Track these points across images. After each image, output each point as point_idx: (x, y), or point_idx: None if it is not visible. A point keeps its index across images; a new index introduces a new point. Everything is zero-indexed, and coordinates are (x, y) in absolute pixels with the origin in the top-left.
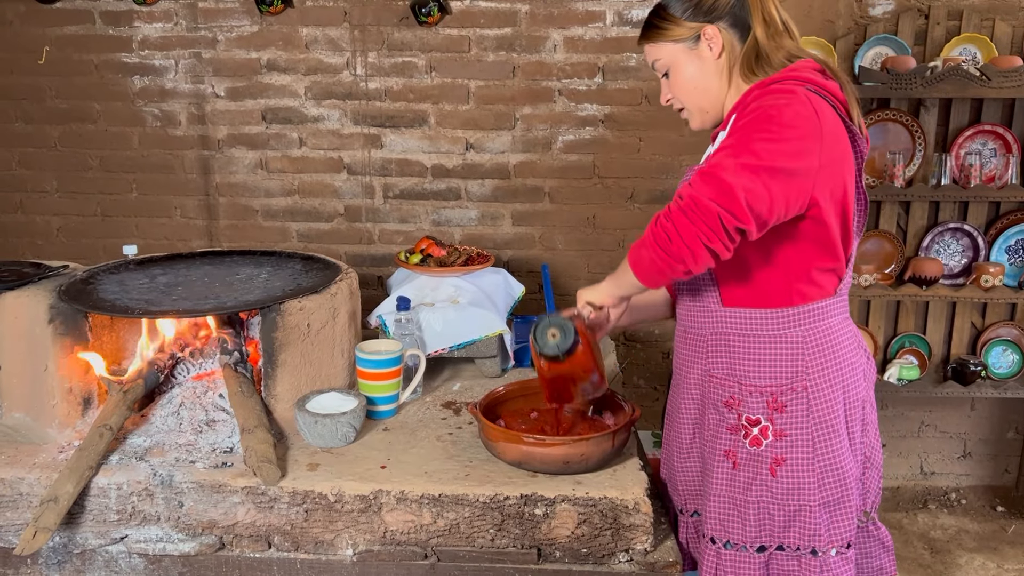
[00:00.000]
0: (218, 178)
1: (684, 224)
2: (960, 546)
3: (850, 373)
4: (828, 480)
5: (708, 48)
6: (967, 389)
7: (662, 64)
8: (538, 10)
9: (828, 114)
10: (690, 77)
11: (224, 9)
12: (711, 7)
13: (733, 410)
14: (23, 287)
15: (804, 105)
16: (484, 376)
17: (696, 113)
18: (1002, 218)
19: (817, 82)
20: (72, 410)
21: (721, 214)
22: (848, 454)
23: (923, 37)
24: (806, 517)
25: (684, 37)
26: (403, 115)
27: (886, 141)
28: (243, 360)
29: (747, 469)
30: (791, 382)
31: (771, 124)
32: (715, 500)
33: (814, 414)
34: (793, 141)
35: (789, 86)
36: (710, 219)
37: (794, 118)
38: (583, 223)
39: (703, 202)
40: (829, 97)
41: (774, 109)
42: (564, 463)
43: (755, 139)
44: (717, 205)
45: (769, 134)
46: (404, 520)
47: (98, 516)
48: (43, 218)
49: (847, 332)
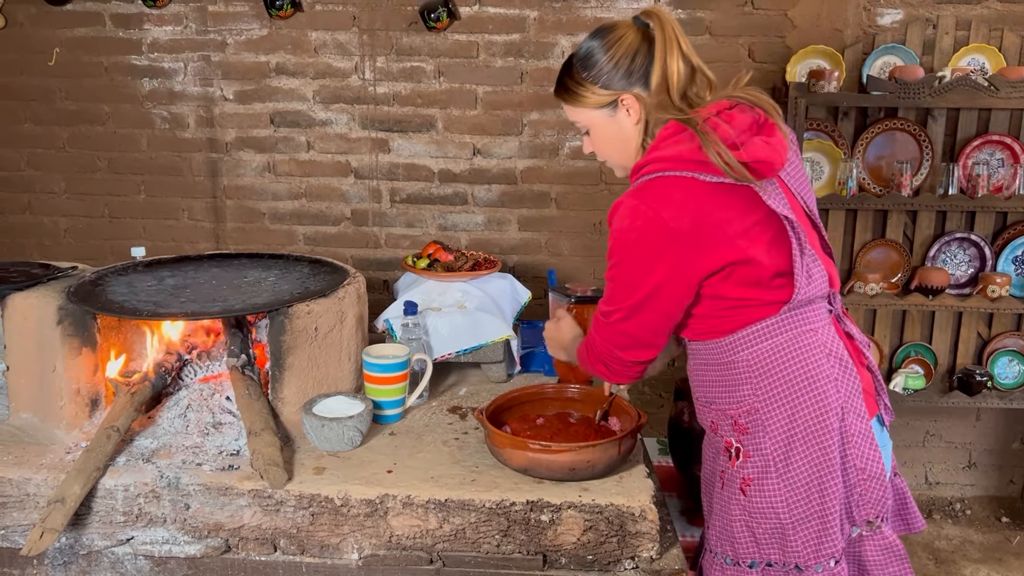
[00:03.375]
0: (226, 181)
1: (597, 366)
2: (965, 557)
3: (810, 386)
4: (797, 497)
5: (626, 113)
6: (973, 399)
7: (582, 125)
8: (547, 16)
9: (678, 201)
10: (610, 139)
11: (233, 13)
12: (626, 73)
13: (717, 433)
14: (32, 288)
15: (636, 220)
16: (490, 381)
17: (618, 168)
18: (1009, 228)
19: (673, 158)
20: (79, 411)
21: (611, 366)
22: (822, 469)
23: (931, 47)
24: (782, 534)
25: (602, 104)
26: (411, 120)
27: (894, 150)
28: (250, 363)
29: (728, 488)
30: (746, 404)
31: (612, 258)
32: (714, 517)
33: (771, 433)
34: (635, 265)
35: (629, 201)
36: (610, 369)
37: (629, 241)
38: (589, 229)
39: (595, 361)
40: (687, 169)
41: (613, 241)
42: (570, 470)
43: (608, 283)
44: (603, 364)
45: (613, 270)
46: (410, 525)
47: (104, 517)
48: (51, 219)
49: (807, 345)
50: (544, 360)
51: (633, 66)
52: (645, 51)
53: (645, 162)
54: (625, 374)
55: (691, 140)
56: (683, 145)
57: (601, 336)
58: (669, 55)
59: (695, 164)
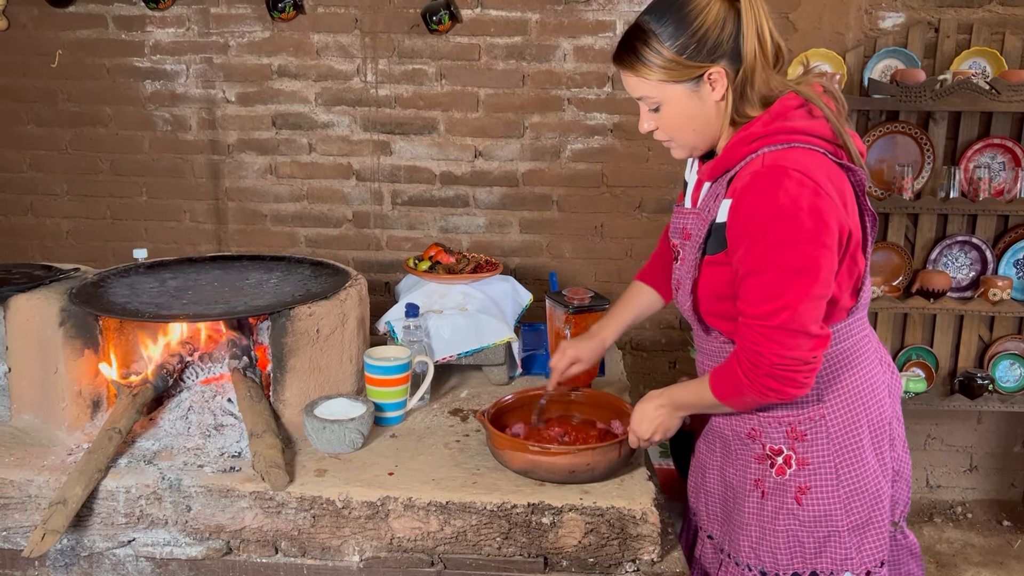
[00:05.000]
0: (227, 183)
1: (760, 390)
2: (966, 560)
3: (870, 392)
4: (855, 503)
5: (710, 89)
6: (974, 403)
7: (652, 100)
8: (548, 19)
9: (826, 178)
10: (688, 117)
11: (236, 15)
12: (715, 45)
13: (756, 441)
14: (34, 289)
15: (802, 188)
16: (491, 384)
17: (685, 148)
18: (1010, 232)
19: (804, 131)
20: (81, 413)
21: (793, 377)
22: (876, 474)
23: (933, 50)
24: (836, 542)
25: (686, 78)
26: (412, 122)
27: (895, 154)
28: (252, 365)
29: (774, 498)
30: (808, 411)
31: (765, 240)
32: (747, 529)
33: (834, 440)
34: (805, 242)
35: (780, 171)
36: (788, 382)
37: (797, 215)
38: (591, 232)
39: (759, 384)
40: (817, 144)
41: (769, 219)
42: (570, 472)
43: (760, 274)
44: (776, 381)
45: (772, 254)
46: (411, 527)
47: (106, 519)
48: (53, 221)
49: (866, 351)
50: (545, 363)
51: (722, 36)
52: (733, 19)
53: (766, 132)
54: (806, 381)
55: (812, 115)
56: (807, 120)
57: (769, 345)
58: (761, 22)
59: (823, 141)
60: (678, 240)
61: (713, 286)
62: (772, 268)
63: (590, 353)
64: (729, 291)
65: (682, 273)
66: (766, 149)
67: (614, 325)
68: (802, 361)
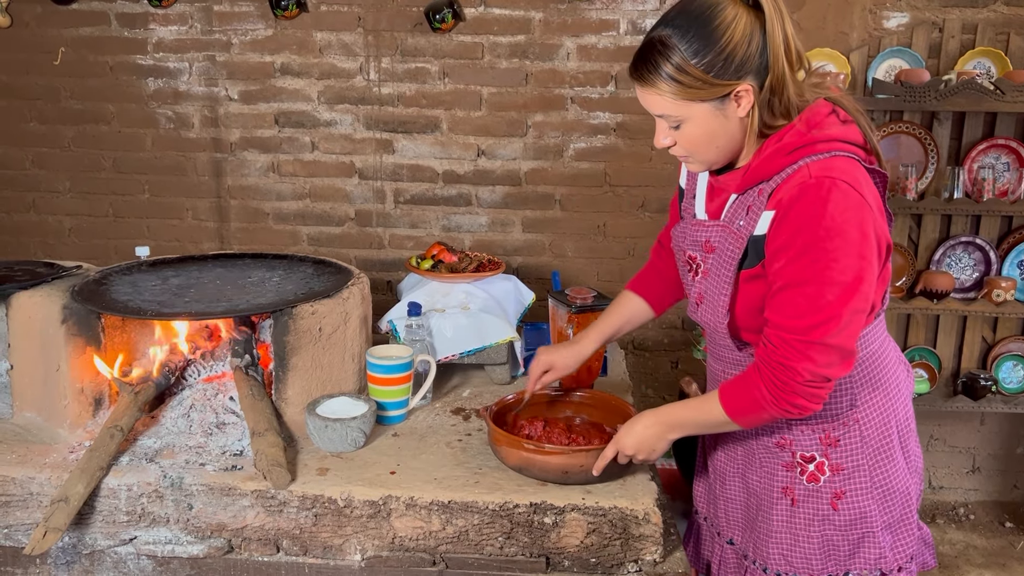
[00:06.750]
0: (230, 181)
1: (784, 406)
2: (968, 561)
3: (896, 394)
4: (889, 503)
5: (736, 105)
6: (977, 404)
7: (674, 119)
8: (552, 18)
9: (867, 188)
10: (712, 135)
11: (239, 13)
12: (743, 61)
13: (786, 449)
14: (37, 287)
15: (848, 199)
16: (494, 383)
17: (704, 164)
18: (1014, 232)
19: (840, 138)
20: (83, 410)
21: (816, 394)
22: (904, 472)
23: (937, 50)
24: (871, 542)
25: (712, 97)
26: (415, 120)
27: (899, 154)
28: (254, 363)
29: (807, 505)
30: (842, 416)
31: (812, 252)
32: (776, 536)
33: (868, 443)
34: (852, 256)
35: (827, 182)
36: (813, 399)
37: (845, 226)
38: (593, 231)
39: (785, 401)
40: (853, 152)
41: (818, 230)
42: (563, 472)
43: (804, 286)
44: (801, 398)
45: (818, 267)
46: (413, 526)
47: (108, 517)
48: (55, 218)
49: (889, 352)
50: None
51: (749, 51)
52: (759, 31)
53: (804, 142)
54: (825, 398)
55: (845, 122)
56: (841, 127)
57: (803, 361)
58: (786, 31)
59: (856, 148)
60: (697, 253)
61: (753, 300)
62: (815, 280)
63: (564, 360)
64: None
65: (707, 287)
66: (809, 159)
67: (596, 334)
68: (829, 379)
